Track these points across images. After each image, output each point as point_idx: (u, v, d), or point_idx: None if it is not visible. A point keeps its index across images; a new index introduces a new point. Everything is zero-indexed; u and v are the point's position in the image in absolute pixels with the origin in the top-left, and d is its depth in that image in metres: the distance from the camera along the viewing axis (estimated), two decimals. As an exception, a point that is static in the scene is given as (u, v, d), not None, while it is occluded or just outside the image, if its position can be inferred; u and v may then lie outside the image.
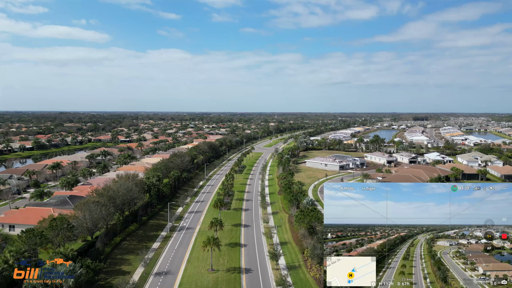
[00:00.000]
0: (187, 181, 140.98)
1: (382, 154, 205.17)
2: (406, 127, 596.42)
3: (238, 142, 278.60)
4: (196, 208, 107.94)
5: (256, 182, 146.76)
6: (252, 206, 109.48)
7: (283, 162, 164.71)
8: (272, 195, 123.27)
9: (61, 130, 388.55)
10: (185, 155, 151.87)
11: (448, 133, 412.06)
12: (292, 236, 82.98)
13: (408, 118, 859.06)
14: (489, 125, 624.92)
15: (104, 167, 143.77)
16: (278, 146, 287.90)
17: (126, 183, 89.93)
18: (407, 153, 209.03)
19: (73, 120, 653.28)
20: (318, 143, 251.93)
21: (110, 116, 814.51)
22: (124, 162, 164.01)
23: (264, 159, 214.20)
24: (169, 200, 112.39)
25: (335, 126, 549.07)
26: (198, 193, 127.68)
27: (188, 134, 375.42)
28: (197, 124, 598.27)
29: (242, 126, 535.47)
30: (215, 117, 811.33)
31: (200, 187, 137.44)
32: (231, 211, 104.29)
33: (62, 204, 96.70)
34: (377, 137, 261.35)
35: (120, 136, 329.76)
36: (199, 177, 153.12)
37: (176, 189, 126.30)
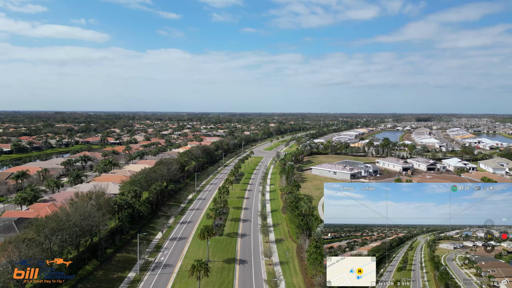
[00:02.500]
0: (174, 194, 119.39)
1: (396, 160, 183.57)
2: (411, 128, 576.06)
3: (236, 145, 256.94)
4: (180, 232, 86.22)
5: (255, 195, 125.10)
6: (251, 230, 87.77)
7: (287, 170, 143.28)
8: (275, 213, 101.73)
9: (50, 131, 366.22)
10: (173, 163, 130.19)
11: (458, 135, 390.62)
12: (304, 281, 61.39)
13: (410, 119, 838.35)
14: (496, 126, 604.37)
15: (76, 177, 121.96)
16: (280, 149, 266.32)
17: (84, 206, 68.29)
18: (423, 159, 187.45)
19: (66, 120, 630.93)
20: (324, 146, 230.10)
21: (107, 116, 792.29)
22: (104, 170, 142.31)
23: (264, 165, 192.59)
24: (147, 221, 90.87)
25: (338, 127, 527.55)
26: (186, 210, 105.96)
27: (184, 135, 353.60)
28: (194, 125, 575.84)
29: (241, 127, 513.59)
30: (214, 118, 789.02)
31: (189, 201, 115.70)
32: (224, 237, 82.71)
33: (5, 230, 75.25)
34: (388, 140, 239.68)
35: (110, 138, 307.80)
36: (189, 188, 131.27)
37: (158, 205, 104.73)
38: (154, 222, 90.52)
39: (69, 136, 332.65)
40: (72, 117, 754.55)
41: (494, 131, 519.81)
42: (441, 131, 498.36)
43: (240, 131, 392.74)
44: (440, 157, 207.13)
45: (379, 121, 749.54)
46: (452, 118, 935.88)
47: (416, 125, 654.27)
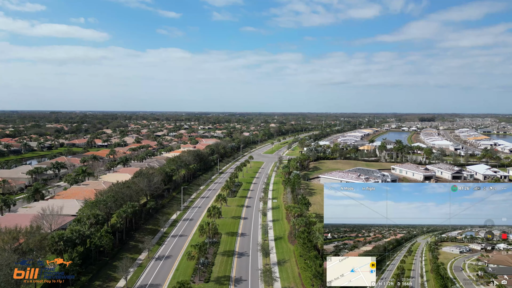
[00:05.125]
0: (154, 213, 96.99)
1: (415, 167, 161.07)
2: (417, 128, 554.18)
3: (234, 148, 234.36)
4: (152, 277, 63.57)
5: (254, 214, 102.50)
6: (248, 273, 65.13)
7: (292, 181, 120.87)
8: (280, 243, 79.25)
9: (36, 132, 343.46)
10: (155, 174, 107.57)
11: (469, 136, 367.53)
12: None
13: (413, 119, 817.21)
14: (505, 126, 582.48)
15: (35, 192, 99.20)
16: (281, 152, 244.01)
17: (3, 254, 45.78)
18: (446, 165, 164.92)
19: (59, 120, 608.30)
20: (331, 150, 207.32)
21: (103, 116, 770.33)
22: (75, 181, 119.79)
23: (265, 172, 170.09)
24: (111, 258, 68.37)
25: (342, 128, 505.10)
26: (166, 237, 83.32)
27: (179, 137, 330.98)
28: (192, 125, 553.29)
29: (241, 127, 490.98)
30: (212, 117, 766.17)
31: (172, 223, 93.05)
32: (211, 284, 60.29)
33: None
34: (401, 144, 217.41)
35: (98, 140, 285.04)
36: (174, 204, 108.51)
37: (131, 231, 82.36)
38: (120, 258, 67.97)
39: (56, 138, 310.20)
40: (68, 116, 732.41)
41: (504, 132, 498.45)
42: (449, 132, 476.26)
43: (239, 132, 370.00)
44: (462, 162, 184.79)
45: (382, 121, 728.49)
46: (455, 118, 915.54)
47: (421, 125, 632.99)
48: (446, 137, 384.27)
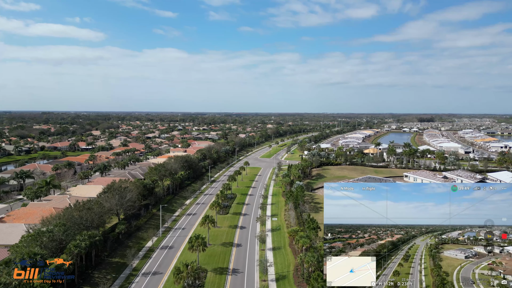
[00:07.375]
0: (124, 241, 77.67)
1: (432, 175, 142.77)
2: (418, 129, 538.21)
3: (229, 151, 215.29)
4: None
5: (250, 239, 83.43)
6: None
7: (295, 195, 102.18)
8: (283, 284, 60.34)
9: (18, 134, 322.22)
10: (128, 189, 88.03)
11: (476, 138, 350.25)
12: None
13: (411, 119, 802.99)
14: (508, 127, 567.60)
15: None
16: (280, 156, 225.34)
17: None
18: (465, 172, 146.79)
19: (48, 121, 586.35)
20: (335, 155, 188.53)
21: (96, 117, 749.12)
22: (36, 195, 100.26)
23: (262, 181, 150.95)
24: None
25: (341, 129, 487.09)
26: (134, 277, 63.76)
27: (170, 139, 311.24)
28: (186, 126, 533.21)
29: (237, 128, 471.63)
30: (208, 118, 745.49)
31: (145, 255, 73.44)
32: None
33: None
34: (411, 147, 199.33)
35: (82, 143, 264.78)
36: (151, 227, 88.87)
37: (88, 270, 63.04)
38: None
39: (38, 140, 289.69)
40: (60, 117, 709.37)
41: (508, 133, 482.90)
42: (452, 133, 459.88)
43: (235, 134, 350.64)
44: (481, 168, 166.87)
45: (380, 122, 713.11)
46: (453, 119, 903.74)
47: (421, 125, 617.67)
48: (451, 138, 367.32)
